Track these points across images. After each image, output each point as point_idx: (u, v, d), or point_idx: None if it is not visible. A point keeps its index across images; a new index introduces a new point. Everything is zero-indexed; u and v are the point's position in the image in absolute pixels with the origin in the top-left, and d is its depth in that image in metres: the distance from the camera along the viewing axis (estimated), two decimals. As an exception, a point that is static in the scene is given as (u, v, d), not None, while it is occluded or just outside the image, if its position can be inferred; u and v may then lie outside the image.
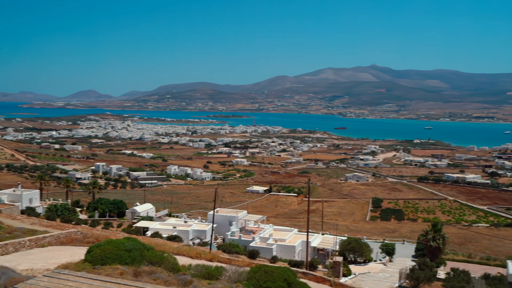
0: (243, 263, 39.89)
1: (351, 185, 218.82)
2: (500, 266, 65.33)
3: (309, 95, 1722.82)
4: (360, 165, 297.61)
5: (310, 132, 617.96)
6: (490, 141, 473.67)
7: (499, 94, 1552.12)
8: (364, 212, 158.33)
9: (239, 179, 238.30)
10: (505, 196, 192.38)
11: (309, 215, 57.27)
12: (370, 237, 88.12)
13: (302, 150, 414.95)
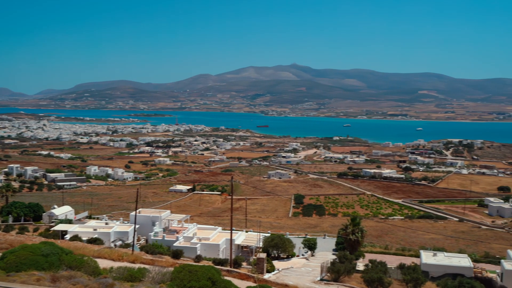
0: (167, 263, 39.47)
1: (273, 182, 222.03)
2: (414, 256, 68.74)
3: (231, 93, 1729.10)
4: (282, 163, 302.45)
5: (233, 130, 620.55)
6: (404, 138, 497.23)
7: (412, 93, 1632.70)
8: (286, 209, 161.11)
9: (162, 179, 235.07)
10: (418, 190, 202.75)
11: (232, 213, 57.58)
12: (293, 233, 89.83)
13: (225, 148, 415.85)
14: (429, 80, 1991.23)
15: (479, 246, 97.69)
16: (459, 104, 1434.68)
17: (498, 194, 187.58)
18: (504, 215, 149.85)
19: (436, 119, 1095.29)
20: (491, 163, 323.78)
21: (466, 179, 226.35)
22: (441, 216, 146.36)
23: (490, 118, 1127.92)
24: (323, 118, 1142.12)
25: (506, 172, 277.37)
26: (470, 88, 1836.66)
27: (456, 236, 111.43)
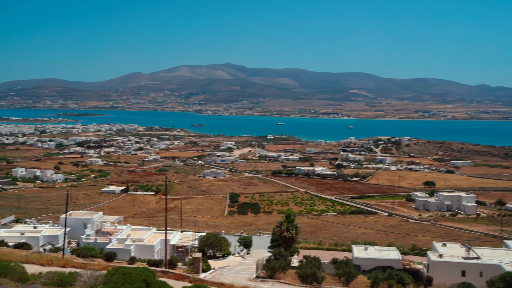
0: (99, 266, 38.53)
1: (209, 181, 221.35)
2: (346, 250, 70.69)
3: (165, 92, 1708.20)
4: (217, 162, 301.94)
5: (167, 129, 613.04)
6: (336, 135, 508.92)
7: (343, 92, 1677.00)
8: (222, 208, 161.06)
9: (94, 180, 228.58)
10: (349, 186, 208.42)
11: (167, 213, 56.96)
12: (228, 232, 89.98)
13: (159, 148, 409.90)
14: (359, 79, 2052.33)
15: (407, 239, 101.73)
16: (388, 102, 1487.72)
17: (424, 189, 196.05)
18: (430, 208, 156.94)
19: (366, 117, 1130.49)
20: (417, 159, 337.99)
21: (395, 175, 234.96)
22: (372, 211, 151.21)
23: (416, 116, 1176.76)
24: (257, 117, 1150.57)
25: (431, 167, 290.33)
26: (398, 87, 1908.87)
27: (386, 230, 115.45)
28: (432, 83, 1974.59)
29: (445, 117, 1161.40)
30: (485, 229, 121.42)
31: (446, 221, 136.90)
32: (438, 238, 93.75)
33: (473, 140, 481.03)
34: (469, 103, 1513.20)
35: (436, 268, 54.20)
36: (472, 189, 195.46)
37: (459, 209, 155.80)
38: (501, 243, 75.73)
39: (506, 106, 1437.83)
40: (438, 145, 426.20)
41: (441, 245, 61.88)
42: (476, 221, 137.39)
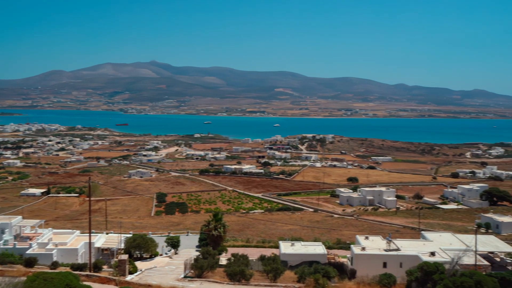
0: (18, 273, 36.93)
1: (135, 181, 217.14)
2: (274, 247, 71.68)
3: (88, 91, 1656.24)
4: (143, 161, 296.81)
5: (91, 129, 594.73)
6: (263, 134, 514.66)
7: (269, 91, 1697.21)
8: (149, 208, 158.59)
9: (12, 182, 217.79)
10: (276, 184, 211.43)
11: (91, 215, 55.39)
12: (156, 232, 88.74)
13: (82, 148, 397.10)
14: (284, 78, 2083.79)
15: (332, 233, 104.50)
16: (312, 101, 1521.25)
17: (348, 185, 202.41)
18: (353, 203, 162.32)
19: (292, 116, 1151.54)
20: (341, 156, 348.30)
21: (320, 172, 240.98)
22: (298, 208, 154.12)
23: (339, 114, 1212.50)
24: (184, 116, 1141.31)
25: (354, 164, 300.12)
26: (322, 86, 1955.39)
27: (312, 225, 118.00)
28: (355, 82, 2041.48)
29: (366, 115, 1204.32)
30: (404, 222, 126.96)
31: (368, 215, 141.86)
32: (361, 232, 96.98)
33: (393, 137, 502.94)
34: (388, 102, 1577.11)
35: (359, 260, 56.14)
36: (392, 184, 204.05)
37: (380, 204, 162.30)
38: (418, 235, 79.54)
39: (422, 104, 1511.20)
40: (360, 142, 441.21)
41: (364, 239, 64.14)
42: (396, 214, 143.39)
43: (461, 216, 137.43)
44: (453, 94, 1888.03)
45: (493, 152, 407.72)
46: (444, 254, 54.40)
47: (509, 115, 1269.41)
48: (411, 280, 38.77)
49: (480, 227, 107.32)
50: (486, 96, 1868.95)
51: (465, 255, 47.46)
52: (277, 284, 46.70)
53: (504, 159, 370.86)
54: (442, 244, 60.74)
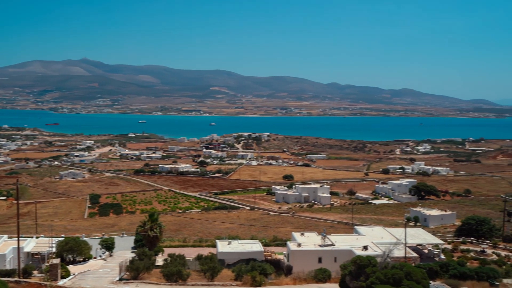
0: None
1: (67, 183, 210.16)
2: (211, 246, 71.53)
3: (15, 89, 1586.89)
4: (75, 162, 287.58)
5: (18, 129, 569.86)
6: (198, 133, 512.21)
7: (204, 89, 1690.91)
8: (82, 210, 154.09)
9: None
10: (212, 182, 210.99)
11: (19, 218, 53.20)
12: (89, 235, 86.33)
13: (9, 149, 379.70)
14: (220, 77, 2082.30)
15: (269, 231, 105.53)
16: (248, 100, 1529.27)
17: (284, 182, 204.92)
18: (289, 201, 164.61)
19: (228, 114, 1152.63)
20: (277, 154, 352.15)
21: (256, 170, 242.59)
22: (235, 206, 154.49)
23: (274, 112, 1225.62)
24: (117, 115, 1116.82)
25: (289, 161, 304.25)
26: (257, 85, 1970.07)
27: (249, 223, 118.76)
28: (289, 81, 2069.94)
29: (301, 113, 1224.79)
30: (338, 218, 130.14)
31: (304, 212, 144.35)
32: (297, 229, 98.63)
33: (327, 135, 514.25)
34: (322, 100, 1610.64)
35: (295, 257, 57.04)
36: (326, 181, 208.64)
37: (315, 200, 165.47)
38: (352, 230, 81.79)
39: (354, 103, 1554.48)
40: (295, 140, 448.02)
41: (299, 235, 65.23)
42: (331, 210, 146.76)
43: (392, 211, 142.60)
44: (383, 93, 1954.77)
45: (421, 149, 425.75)
46: (376, 248, 56.23)
47: (435, 113, 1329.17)
48: (345, 274, 39.83)
49: (409, 221, 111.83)
50: (414, 95, 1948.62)
51: (395, 248, 49.31)
52: (215, 283, 46.71)
53: (430, 155, 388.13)
54: (374, 238, 62.79)
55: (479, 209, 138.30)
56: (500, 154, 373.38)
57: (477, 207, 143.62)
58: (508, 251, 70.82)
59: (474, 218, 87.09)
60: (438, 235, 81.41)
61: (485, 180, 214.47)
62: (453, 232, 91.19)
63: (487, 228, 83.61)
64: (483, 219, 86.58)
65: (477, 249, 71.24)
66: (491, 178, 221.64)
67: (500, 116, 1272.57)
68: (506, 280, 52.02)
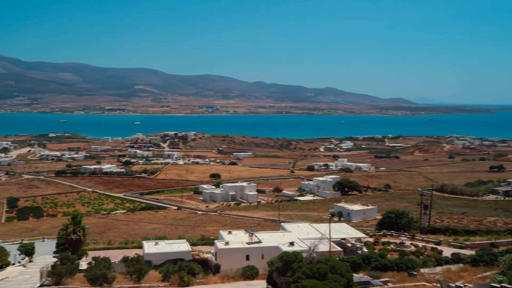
0: None
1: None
2: (137, 247, 70.31)
3: None
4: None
5: None
6: (123, 132, 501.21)
7: (129, 88, 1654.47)
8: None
9: None
10: (138, 183, 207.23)
11: None
12: (7, 240, 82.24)
13: None
14: (145, 75, 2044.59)
15: (196, 230, 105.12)
16: (174, 98, 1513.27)
17: (211, 181, 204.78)
18: (216, 199, 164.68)
19: (153, 113, 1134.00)
20: (203, 153, 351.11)
21: (183, 169, 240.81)
22: (162, 206, 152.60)
23: (201, 111, 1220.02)
24: (36, 114, 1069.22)
25: (216, 160, 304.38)
26: (183, 83, 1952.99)
27: (176, 223, 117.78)
28: (215, 80, 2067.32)
29: (227, 112, 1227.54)
30: (265, 215, 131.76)
31: (231, 210, 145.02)
32: (224, 227, 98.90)
33: (253, 133, 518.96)
34: (248, 99, 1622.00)
35: (223, 255, 57.19)
36: (253, 179, 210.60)
37: (242, 198, 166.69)
38: (278, 226, 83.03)
39: (279, 101, 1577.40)
40: (222, 138, 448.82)
41: (227, 233, 65.45)
42: (258, 208, 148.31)
43: (317, 207, 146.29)
44: (308, 91, 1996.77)
45: (344, 146, 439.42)
46: (302, 244, 57.43)
47: (356, 111, 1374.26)
48: (272, 270, 40.42)
49: (333, 216, 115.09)
50: (336, 93, 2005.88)
51: (320, 243, 50.59)
52: (141, 285, 46.00)
53: (353, 152, 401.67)
54: (300, 234, 64.10)
55: (398, 203, 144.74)
56: (417, 150, 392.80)
57: (396, 201, 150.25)
58: (425, 242, 74.56)
59: (394, 212, 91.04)
60: (360, 229, 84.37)
61: (404, 175, 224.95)
62: (375, 226, 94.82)
63: (406, 221, 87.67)
64: (402, 212, 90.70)
65: (396, 241, 74.44)
66: (409, 173, 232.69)
67: (416, 114, 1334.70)
68: (423, 270, 54.93)
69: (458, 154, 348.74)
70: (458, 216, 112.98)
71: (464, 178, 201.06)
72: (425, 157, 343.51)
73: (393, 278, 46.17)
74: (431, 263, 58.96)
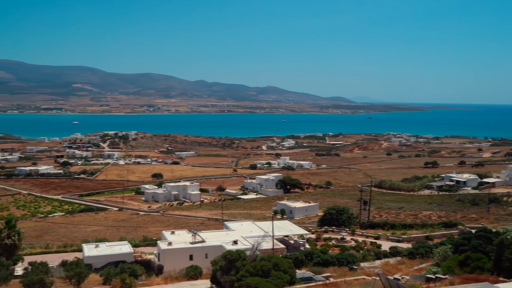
0: None
1: None
2: (77, 251, 68.46)
3: None
4: None
5: None
6: (61, 132, 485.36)
7: (66, 86, 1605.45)
8: None
9: None
10: (77, 184, 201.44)
11: None
12: None
13: None
14: (82, 73, 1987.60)
15: (139, 231, 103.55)
16: (113, 97, 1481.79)
17: (153, 181, 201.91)
18: (159, 199, 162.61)
19: (92, 113, 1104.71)
20: (145, 153, 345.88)
21: (124, 170, 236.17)
22: (102, 208, 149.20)
23: (142, 110, 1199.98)
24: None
25: (158, 160, 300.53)
26: (123, 82, 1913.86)
27: (117, 225, 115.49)
28: (156, 78, 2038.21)
29: (169, 111, 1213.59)
30: (209, 214, 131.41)
31: (174, 210, 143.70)
32: (167, 227, 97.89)
33: (195, 132, 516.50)
34: (190, 98, 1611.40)
35: (166, 256, 56.56)
36: (196, 178, 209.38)
37: (185, 198, 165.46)
38: (222, 225, 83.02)
39: (221, 100, 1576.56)
40: (164, 138, 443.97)
41: (170, 234, 64.77)
42: (201, 207, 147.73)
43: (260, 205, 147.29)
44: (250, 90, 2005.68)
45: (286, 144, 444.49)
46: (245, 242, 57.65)
47: (298, 110, 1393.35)
48: (216, 269, 40.33)
49: (276, 214, 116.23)
50: (278, 92, 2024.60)
51: (264, 240, 50.99)
52: (82, 289, 44.78)
53: (295, 150, 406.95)
54: (243, 232, 64.34)
55: (339, 199, 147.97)
56: (356, 147, 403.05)
57: (337, 197, 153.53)
58: (365, 237, 76.61)
59: (335, 208, 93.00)
60: (303, 226, 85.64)
61: (344, 172, 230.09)
62: (317, 222, 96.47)
63: (346, 217, 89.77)
64: (343, 209, 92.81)
65: (338, 237, 76.10)
66: (349, 170, 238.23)
67: (355, 112, 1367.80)
68: (363, 264, 56.47)
69: (395, 151, 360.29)
70: (395, 211, 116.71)
71: (401, 174, 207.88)
72: (364, 154, 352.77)
73: (334, 273, 47.10)
74: (370, 257, 60.71)
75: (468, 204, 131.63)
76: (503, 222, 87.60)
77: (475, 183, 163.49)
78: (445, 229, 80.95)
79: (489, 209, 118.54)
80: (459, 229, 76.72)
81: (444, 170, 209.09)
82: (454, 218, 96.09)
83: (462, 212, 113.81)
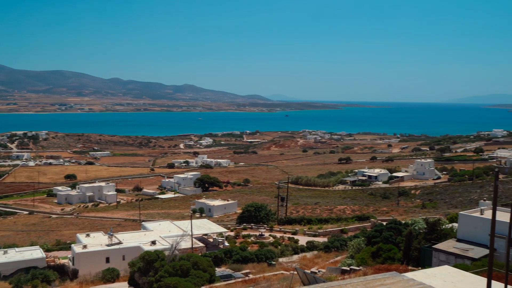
0: None
1: None
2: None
3: None
4: None
5: None
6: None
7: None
8: None
9: None
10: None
11: None
12: None
13: None
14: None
15: (51, 235, 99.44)
16: (22, 95, 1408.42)
17: (66, 182, 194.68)
18: (72, 201, 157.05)
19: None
20: (57, 153, 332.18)
21: (34, 171, 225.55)
22: (11, 212, 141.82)
23: (53, 109, 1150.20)
24: None
25: (71, 160, 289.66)
26: (32, 79, 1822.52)
27: (28, 229, 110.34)
28: (68, 76, 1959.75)
29: (82, 110, 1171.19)
30: (125, 215, 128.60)
31: (89, 212, 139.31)
32: (82, 230, 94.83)
33: (110, 131, 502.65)
34: (104, 96, 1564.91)
35: (81, 259, 54.80)
36: (112, 178, 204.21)
37: (101, 199, 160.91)
38: (140, 226, 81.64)
39: (137, 98, 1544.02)
40: (77, 137, 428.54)
41: (85, 236, 62.78)
42: (117, 208, 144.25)
43: (178, 204, 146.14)
44: (166, 88, 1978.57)
45: (203, 142, 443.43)
46: (164, 242, 57.12)
47: (215, 108, 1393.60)
48: (134, 271, 39.66)
49: (195, 212, 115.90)
50: (195, 90, 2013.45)
51: (182, 240, 50.72)
52: (-11, 298, 42.50)
53: (213, 148, 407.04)
54: (162, 232, 63.70)
55: (257, 196, 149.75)
56: (273, 145, 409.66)
57: (255, 195, 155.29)
58: (283, 233, 78.22)
59: (253, 205, 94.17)
60: (222, 223, 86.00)
61: (261, 170, 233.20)
62: (235, 220, 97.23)
63: (264, 214, 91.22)
64: (261, 206, 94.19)
65: (256, 233, 77.12)
66: (266, 168, 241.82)
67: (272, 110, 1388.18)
68: (282, 259, 57.74)
69: (310, 148, 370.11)
70: (312, 206, 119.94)
71: (316, 170, 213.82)
72: (281, 151, 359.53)
73: (253, 269, 47.85)
74: (288, 252, 62.15)
75: (380, 198, 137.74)
76: (411, 214, 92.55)
77: (385, 177, 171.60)
78: (359, 222, 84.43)
79: (398, 202, 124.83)
80: (371, 222, 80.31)
81: (357, 166, 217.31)
82: (366, 212, 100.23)
83: (374, 205, 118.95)
